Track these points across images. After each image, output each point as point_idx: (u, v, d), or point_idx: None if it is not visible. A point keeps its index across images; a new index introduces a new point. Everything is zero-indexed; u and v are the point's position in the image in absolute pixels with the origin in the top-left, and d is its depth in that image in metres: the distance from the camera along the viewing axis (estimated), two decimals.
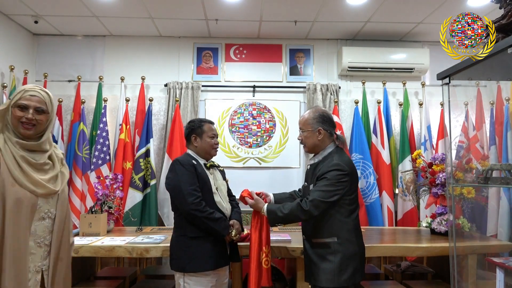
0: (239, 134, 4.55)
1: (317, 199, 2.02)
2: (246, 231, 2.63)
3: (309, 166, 2.27)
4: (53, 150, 1.72)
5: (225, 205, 2.37)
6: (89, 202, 3.90)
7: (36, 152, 1.63)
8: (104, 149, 4.11)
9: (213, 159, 2.51)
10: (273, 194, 2.44)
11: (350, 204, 2.11)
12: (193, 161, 2.30)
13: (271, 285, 2.24)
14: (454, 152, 3.72)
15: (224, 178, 2.52)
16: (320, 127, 2.18)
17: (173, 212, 2.38)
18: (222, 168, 2.57)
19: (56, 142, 4.01)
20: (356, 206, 2.15)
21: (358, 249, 2.09)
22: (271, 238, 2.67)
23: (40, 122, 1.63)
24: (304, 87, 4.55)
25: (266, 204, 2.22)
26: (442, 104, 4.40)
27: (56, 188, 1.65)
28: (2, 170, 1.51)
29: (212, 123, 2.47)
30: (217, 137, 2.45)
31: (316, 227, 2.11)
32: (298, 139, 2.29)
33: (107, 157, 4.13)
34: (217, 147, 2.45)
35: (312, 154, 2.28)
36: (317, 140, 2.19)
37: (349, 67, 4.45)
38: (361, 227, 3.23)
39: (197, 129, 2.39)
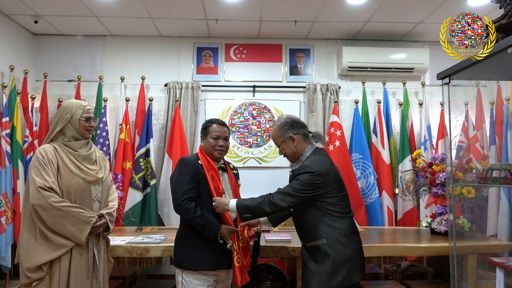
0: (239, 134, 4.55)
1: (283, 190, 2.01)
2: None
3: (291, 172, 2.20)
4: (95, 148, 2.22)
5: None
6: None
7: (85, 147, 2.13)
8: (104, 149, 4.11)
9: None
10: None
11: (334, 205, 2.02)
12: (199, 161, 2.25)
13: (248, 280, 2.19)
14: (454, 152, 3.73)
15: (237, 181, 2.44)
16: (290, 134, 2.14)
17: (172, 212, 2.37)
18: (236, 171, 2.50)
19: None
20: (344, 209, 2.06)
21: (352, 252, 1.99)
22: (271, 238, 2.68)
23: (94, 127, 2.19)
24: (304, 87, 4.55)
25: (232, 199, 2.12)
26: (442, 104, 4.39)
27: (100, 176, 2.10)
28: (60, 165, 1.99)
29: (221, 123, 2.33)
30: (223, 139, 2.29)
31: (305, 231, 2.08)
32: (280, 154, 2.22)
33: (107, 157, 4.11)
34: (221, 149, 2.29)
35: None
36: (294, 147, 2.14)
37: (349, 67, 4.45)
38: (361, 227, 3.20)
39: (204, 129, 2.34)
